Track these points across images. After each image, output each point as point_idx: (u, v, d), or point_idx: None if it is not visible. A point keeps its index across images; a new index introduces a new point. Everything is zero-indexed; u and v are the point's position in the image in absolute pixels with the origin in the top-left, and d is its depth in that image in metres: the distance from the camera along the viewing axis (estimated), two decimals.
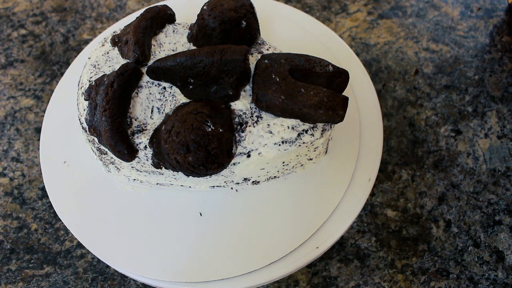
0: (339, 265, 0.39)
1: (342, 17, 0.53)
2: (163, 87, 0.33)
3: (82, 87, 0.34)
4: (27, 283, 0.39)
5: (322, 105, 0.31)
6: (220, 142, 0.30)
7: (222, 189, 0.36)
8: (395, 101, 0.47)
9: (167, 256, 0.34)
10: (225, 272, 0.34)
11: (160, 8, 0.36)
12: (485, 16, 0.52)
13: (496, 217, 0.41)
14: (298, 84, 0.32)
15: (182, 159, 0.30)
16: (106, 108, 0.31)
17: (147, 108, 0.33)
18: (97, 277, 0.39)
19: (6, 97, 0.48)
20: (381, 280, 0.39)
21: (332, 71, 0.33)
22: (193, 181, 0.35)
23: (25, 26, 0.52)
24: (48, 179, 0.38)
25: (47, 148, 0.39)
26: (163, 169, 0.33)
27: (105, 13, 0.53)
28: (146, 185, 0.37)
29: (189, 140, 0.29)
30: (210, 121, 0.30)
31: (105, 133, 0.31)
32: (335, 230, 0.35)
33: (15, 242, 0.41)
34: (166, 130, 0.31)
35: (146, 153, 0.32)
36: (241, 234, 0.35)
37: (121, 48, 0.35)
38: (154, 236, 0.35)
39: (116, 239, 0.35)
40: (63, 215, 0.36)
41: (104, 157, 0.35)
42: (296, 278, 0.39)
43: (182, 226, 0.35)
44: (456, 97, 0.47)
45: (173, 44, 0.35)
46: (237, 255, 0.34)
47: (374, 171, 0.37)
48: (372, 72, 0.49)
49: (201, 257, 0.34)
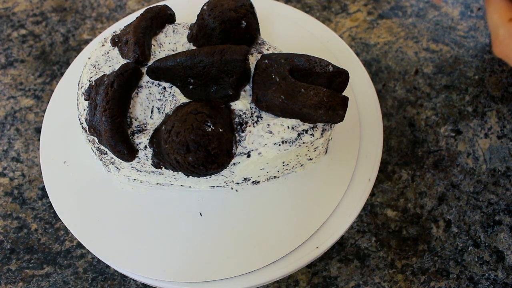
0: (339, 265, 0.39)
1: (342, 17, 0.53)
2: (163, 87, 0.33)
3: (82, 87, 0.34)
4: (27, 283, 0.39)
5: (322, 105, 0.31)
6: (220, 142, 0.30)
7: (222, 189, 0.36)
8: (395, 101, 0.47)
9: (167, 256, 0.34)
10: (225, 272, 0.34)
11: (160, 8, 0.36)
12: (485, 16, 0.52)
13: (496, 217, 0.41)
14: (298, 84, 0.32)
15: (182, 159, 0.30)
16: (106, 108, 0.31)
17: (147, 108, 0.33)
18: (97, 277, 0.39)
19: (6, 97, 0.48)
20: (381, 280, 0.39)
21: (332, 71, 0.33)
22: (193, 181, 0.35)
23: (25, 26, 0.52)
24: (48, 179, 0.38)
25: (47, 148, 0.39)
26: (163, 169, 0.33)
27: (105, 13, 0.53)
28: (146, 185, 0.37)
29: (189, 140, 0.29)
30: (210, 121, 0.30)
31: (105, 133, 0.31)
32: (335, 230, 0.35)
33: (15, 242, 0.41)
34: (166, 130, 0.31)
35: (146, 153, 0.32)
36: (241, 234, 0.35)
37: (121, 48, 0.35)
38: (154, 236, 0.35)
39: (116, 239, 0.35)
40: (63, 215, 0.36)
41: (104, 157, 0.35)
42: (296, 278, 0.39)
43: (182, 226, 0.35)
44: (456, 97, 0.47)
45: (173, 44, 0.35)
46: (237, 255, 0.34)
47: (374, 171, 0.37)
48: (372, 72, 0.49)
49: (201, 257, 0.34)
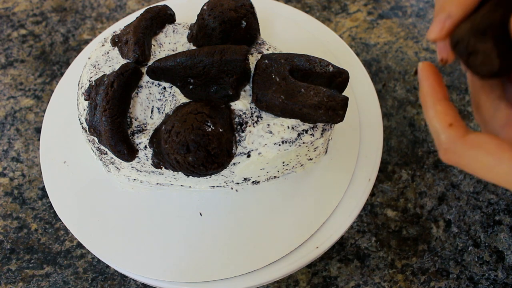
0: (339, 265, 0.39)
1: (342, 17, 0.53)
2: (163, 87, 0.33)
3: (82, 87, 0.34)
4: (27, 283, 0.39)
5: (322, 105, 0.31)
6: (220, 142, 0.30)
7: (222, 189, 0.36)
8: (395, 101, 0.47)
9: (167, 256, 0.34)
10: (225, 272, 0.34)
11: (160, 8, 0.36)
12: None
13: (496, 217, 0.41)
14: (298, 84, 0.32)
15: (182, 159, 0.30)
16: (106, 108, 0.31)
17: (147, 108, 0.33)
18: (97, 277, 0.39)
19: (6, 97, 0.48)
20: (381, 280, 0.39)
21: (332, 71, 0.33)
22: (193, 181, 0.35)
23: (25, 26, 0.52)
24: (48, 179, 0.38)
25: (47, 148, 0.39)
26: (163, 169, 0.33)
27: (105, 13, 0.53)
28: (146, 185, 0.37)
29: (189, 140, 0.29)
30: (210, 121, 0.30)
31: (105, 133, 0.31)
32: (335, 230, 0.35)
33: (15, 242, 0.41)
34: (166, 130, 0.31)
35: (146, 153, 0.32)
36: (241, 234, 0.35)
37: (121, 48, 0.35)
38: (154, 236, 0.35)
39: (116, 239, 0.35)
40: (63, 215, 0.36)
41: (104, 157, 0.35)
42: (296, 278, 0.39)
43: (182, 226, 0.35)
44: (456, 97, 0.47)
45: (173, 44, 0.35)
46: (237, 255, 0.34)
47: (374, 171, 0.37)
48: (372, 72, 0.49)
49: (201, 257, 0.34)
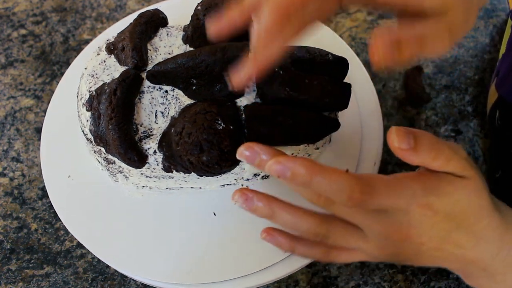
0: (339, 265, 0.39)
1: (342, 17, 0.53)
2: (164, 90, 0.33)
3: (82, 98, 0.34)
4: (27, 283, 0.39)
5: (327, 94, 0.31)
6: (232, 139, 0.30)
7: (233, 187, 0.36)
8: (395, 101, 0.47)
9: (168, 257, 0.34)
10: (225, 273, 0.34)
11: (152, 12, 0.36)
12: (485, 16, 0.52)
13: None
14: (302, 75, 0.32)
15: (196, 159, 0.29)
16: (111, 116, 0.31)
17: (151, 113, 0.33)
18: (97, 277, 0.39)
19: (6, 97, 0.48)
20: (381, 280, 0.39)
21: (332, 60, 0.33)
22: (204, 182, 0.35)
23: (25, 26, 0.52)
24: (48, 179, 0.38)
25: (48, 148, 0.39)
26: (174, 172, 0.33)
27: (105, 13, 0.53)
28: (155, 191, 0.36)
29: (202, 140, 0.29)
30: (220, 119, 0.30)
31: (113, 141, 0.31)
32: None
33: (15, 242, 0.41)
34: (176, 132, 0.30)
35: (156, 158, 0.32)
36: (248, 234, 0.35)
37: (117, 55, 0.34)
38: (154, 237, 0.35)
39: (116, 239, 0.35)
40: (63, 215, 0.36)
41: (112, 166, 0.35)
42: (296, 278, 0.39)
43: (182, 228, 0.35)
44: (456, 97, 0.47)
45: (169, 47, 0.35)
46: (237, 256, 0.34)
47: (374, 171, 0.37)
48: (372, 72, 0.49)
49: (201, 258, 0.34)
